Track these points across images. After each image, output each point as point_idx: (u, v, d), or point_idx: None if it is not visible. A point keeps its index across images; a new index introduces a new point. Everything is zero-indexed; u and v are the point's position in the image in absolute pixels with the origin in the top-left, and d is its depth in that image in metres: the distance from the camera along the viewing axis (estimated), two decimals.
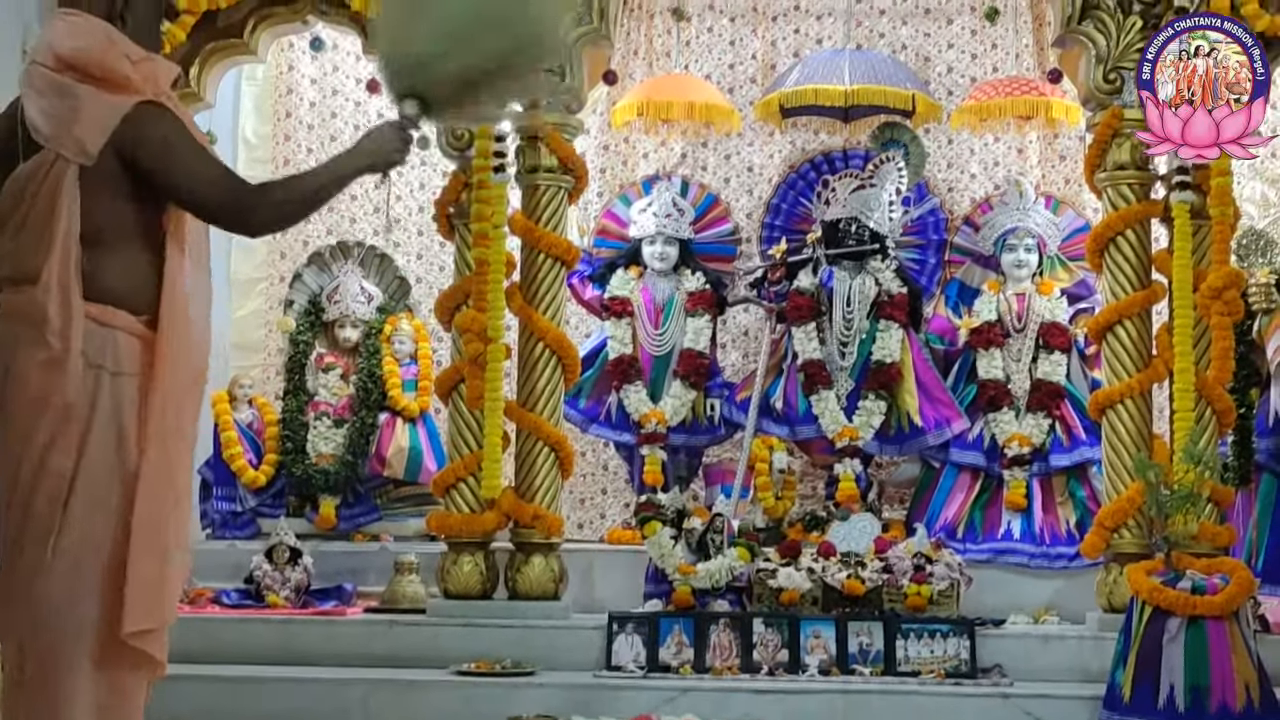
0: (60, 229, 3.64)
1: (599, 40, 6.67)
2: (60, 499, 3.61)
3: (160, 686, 4.29)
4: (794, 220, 8.01)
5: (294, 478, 7.72)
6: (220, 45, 6.82)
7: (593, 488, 8.40)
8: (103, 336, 3.73)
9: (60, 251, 3.63)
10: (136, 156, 3.72)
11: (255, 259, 8.58)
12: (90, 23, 3.80)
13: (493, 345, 6.41)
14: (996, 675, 6.05)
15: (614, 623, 6.23)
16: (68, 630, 3.61)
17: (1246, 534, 6.67)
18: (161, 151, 3.74)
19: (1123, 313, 6.39)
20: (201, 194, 3.76)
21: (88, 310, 3.69)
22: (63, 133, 3.67)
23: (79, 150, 3.67)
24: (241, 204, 3.80)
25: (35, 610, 3.59)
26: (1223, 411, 6.25)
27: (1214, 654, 5.43)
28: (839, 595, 6.42)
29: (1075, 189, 8.12)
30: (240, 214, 3.82)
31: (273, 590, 6.82)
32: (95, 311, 3.71)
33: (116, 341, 3.74)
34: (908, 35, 8.55)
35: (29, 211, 3.66)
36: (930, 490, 7.45)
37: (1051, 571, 7.03)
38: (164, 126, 3.78)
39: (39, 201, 3.66)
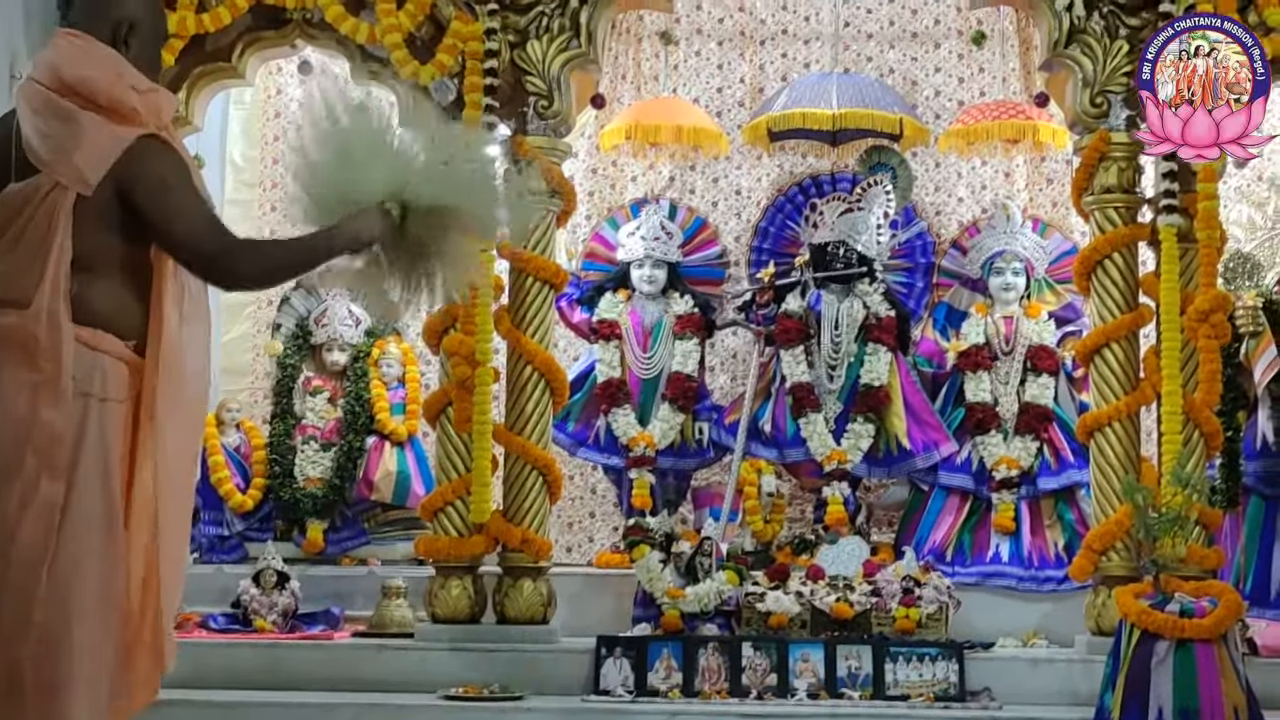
0: (54, 255, 3.62)
1: (587, 64, 6.69)
2: (53, 526, 3.60)
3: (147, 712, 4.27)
4: (782, 243, 8.01)
5: (281, 502, 7.70)
6: (208, 69, 6.82)
7: (581, 511, 8.39)
8: (91, 361, 3.71)
9: (52, 277, 3.62)
10: (133, 190, 3.70)
11: None
12: (97, 48, 3.77)
13: (481, 368, 6.41)
14: (985, 699, 6.05)
15: (602, 647, 6.22)
16: (60, 657, 3.59)
17: (1234, 557, 6.67)
18: (158, 190, 3.71)
19: (1110, 335, 6.40)
20: (189, 240, 3.73)
21: (77, 334, 3.68)
22: (61, 159, 3.65)
23: (78, 179, 3.64)
24: (227, 258, 3.77)
25: (28, 636, 3.57)
26: (1210, 434, 6.26)
27: (1202, 677, 5.42)
28: (827, 619, 6.41)
29: (1062, 212, 8.14)
30: (224, 268, 3.81)
31: (260, 614, 6.80)
32: (84, 335, 3.69)
33: (104, 367, 3.73)
34: (895, 59, 8.58)
35: (21, 235, 3.64)
36: (919, 513, 7.45)
37: (1040, 594, 7.03)
38: (164, 165, 3.75)
39: (33, 225, 3.63)
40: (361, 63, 6.73)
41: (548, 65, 6.58)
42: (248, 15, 6.69)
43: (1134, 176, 6.50)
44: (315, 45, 6.90)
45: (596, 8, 6.61)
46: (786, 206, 8.11)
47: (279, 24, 6.75)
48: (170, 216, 3.72)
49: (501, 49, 6.53)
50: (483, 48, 6.48)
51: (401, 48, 6.52)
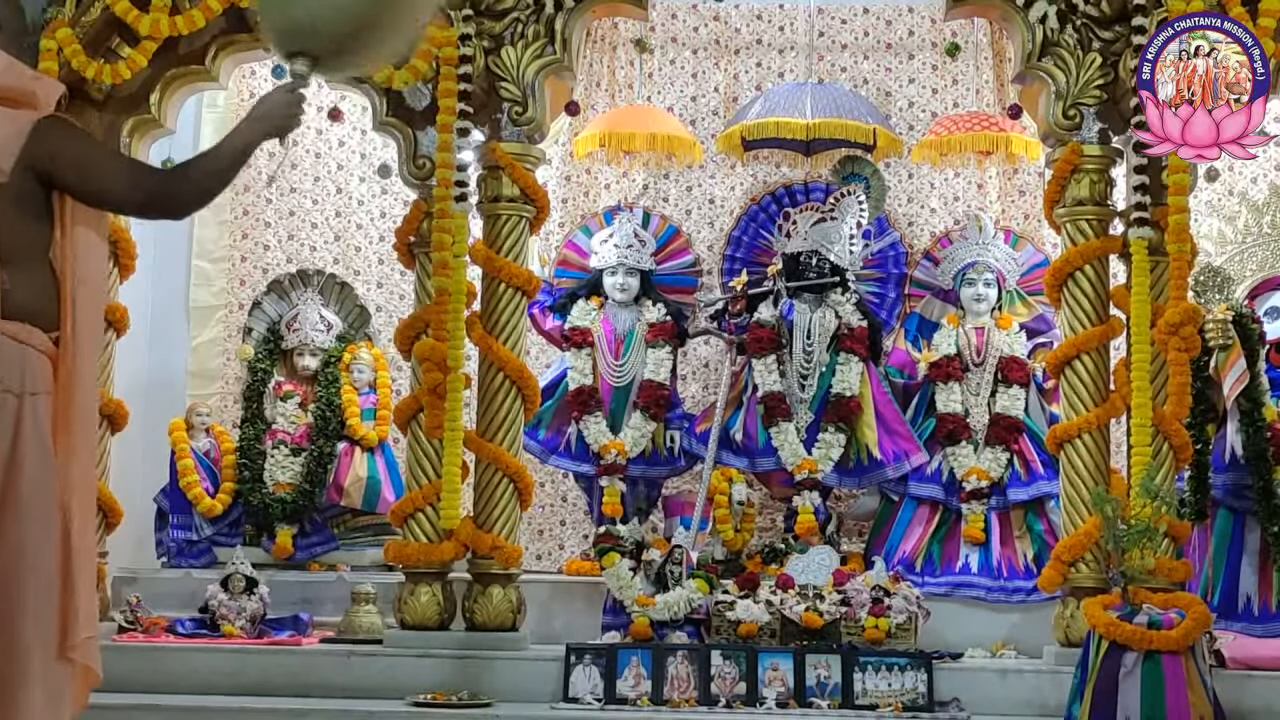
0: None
1: (561, 71, 6.69)
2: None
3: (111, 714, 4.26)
4: (755, 252, 8.02)
5: (251, 506, 7.68)
6: (182, 72, 6.80)
7: (551, 519, 8.39)
8: (20, 355, 3.72)
9: None
10: (53, 170, 3.75)
11: (214, 287, 8.55)
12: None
13: (452, 375, 6.40)
14: (954, 709, 6.05)
15: (571, 654, 6.21)
16: (15, 649, 3.60)
17: (1203, 569, 6.70)
18: (78, 158, 3.79)
19: (1081, 347, 6.42)
20: (126, 195, 3.85)
21: (5, 328, 3.69)
22: None
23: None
24: (165, 194, 3.90)
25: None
26: (1180, 447, 6.28)
27: (1170, 689, 5.44)
28: (797, 628, 6.42)
29: (1034, 224, 8.17)
30: (166, 202, 3.92)
31: (228, 620, 6.77)
32: (11, 329, 3.70)
33: (31, 361, 3.74)
34: (869, 70, 8.61)
35: None
36: (889, 523, 7.46)
37: (1009, 605, 7.05)
38: (74, 135, 3.87)
39: None
40: None
41: (522, 72, 6.58)
42: (221, 18, 6.66)
43: (1106, 189, 6.52)
44: None
45: (572, 15, 6.62)
46: (760, 215, 8.12)
47: (252, 27, 6.72)
48: (99, 177, 3.81)
49: (476, 55, 6.53)
50: (457, 53, 6.47)
51: None
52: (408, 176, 6.68)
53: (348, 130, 8.56)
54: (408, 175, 6.68)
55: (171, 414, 7.84)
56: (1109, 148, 6.50)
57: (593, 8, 6.71)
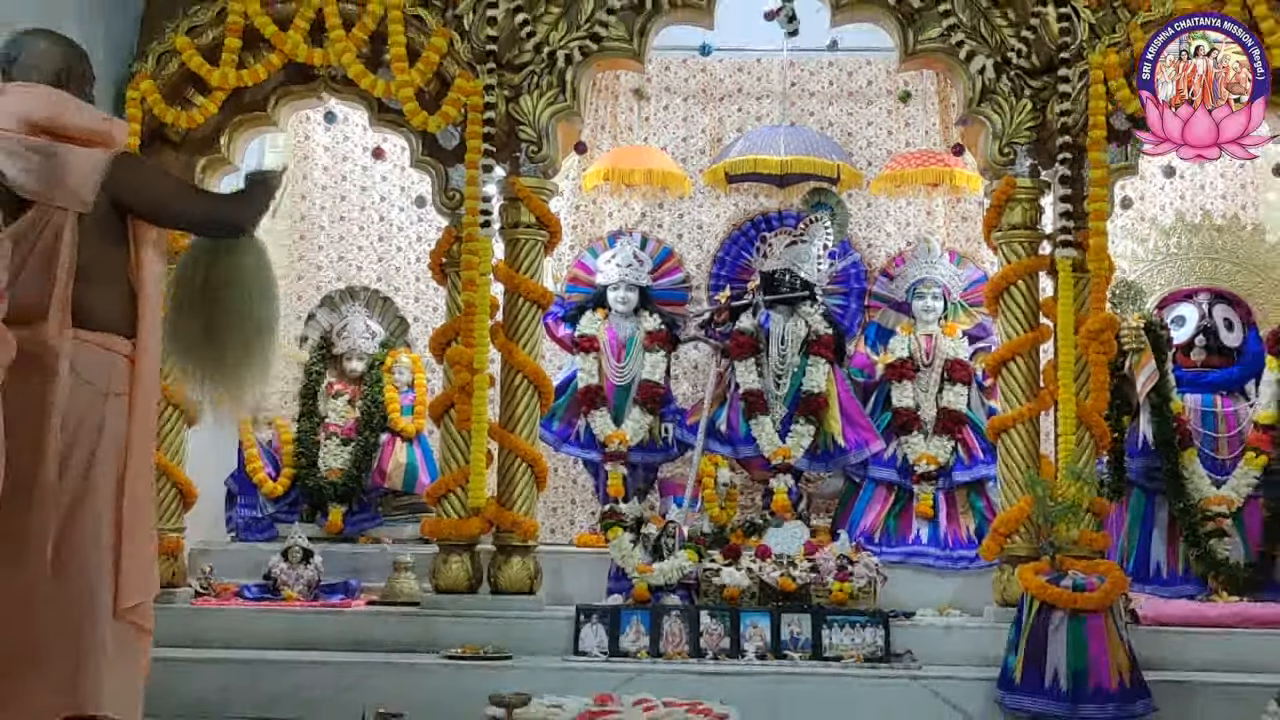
0: (61, 270, 3.65)
1: (571, 116, 6.68)
2: (69, 510, 3.64)
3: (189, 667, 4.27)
4: (737, 270, 8.02)
5: (307, 489, 7.68)
6: (247, 117, 6.80)
7: (563, 498, 8.39)
8: (109, 362, 3.74)
9: (59, 291, 3.64)
10: (132, 201, 3.77)
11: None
12: (50, 91, 3.84)
13: (479, 375, 6.39)
14: (908, 660, 6.06)
15: (581, 614, 6.21)
16: (93, 609, 3.65)
17: (1120, 540, 6.71)
18: (151, 187, 3.85)
19: (1015, 351, 6.42)
20: (191, 213, 3.92)
21: (95, 339, 3.70)
22: (53, 187, 3.67)
23: (76, 200, 3.68)
24: (225, 210, 4.01)
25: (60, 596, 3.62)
26: (1100, 435, 6.28)
27: (1092, 642, 5.44)
28: (774, 591, 6.42)
29: (975, 246, 8.17)
30: (227, 217, 4.01)
31: (288, 586, 6.77)
32: (102, 340, 3.72)
33: (117, 366, 3.75)
34: (834, 114, 8.61)
35: (27, 259, 3.64)
36: (851, 502, 7.46)
37: (954, 571, 7.05)
38: (146, 172, 3.92)
39: (38, 249, 3.65)
40: (378, 113, 6.72)
41: (538, 116, 6.58)
42: (281, 72, 6.66)
43: (1036, 216, 6.51)
44: (339, 98, 6.87)
45: (579, 68, 6.61)
46: (741, 239, 8.13)
47: (308, 79, 6.73)
48: (171, 202, 3.87)
49: (498, 102, 6.53)
50: (482, 101, 6.47)
51: (412, 100, 6.51)
52: (440, 206, 6.68)
53: (389, 167, 8.56)
54: (440, 205, 6.68)
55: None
56: (1038, 180, 6.49)
57: (597, 62, 6.70)
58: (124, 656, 3.73)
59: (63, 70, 3.89)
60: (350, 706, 5.44)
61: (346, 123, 8.44)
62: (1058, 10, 6.35)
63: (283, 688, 5.78)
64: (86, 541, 3.65)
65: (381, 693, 5.53)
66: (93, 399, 3.68)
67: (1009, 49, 6.44)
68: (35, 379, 3.60)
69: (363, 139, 8.52)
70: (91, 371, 3.67)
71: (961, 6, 6.49)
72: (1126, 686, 5.44)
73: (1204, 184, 8.32)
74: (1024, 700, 5.48)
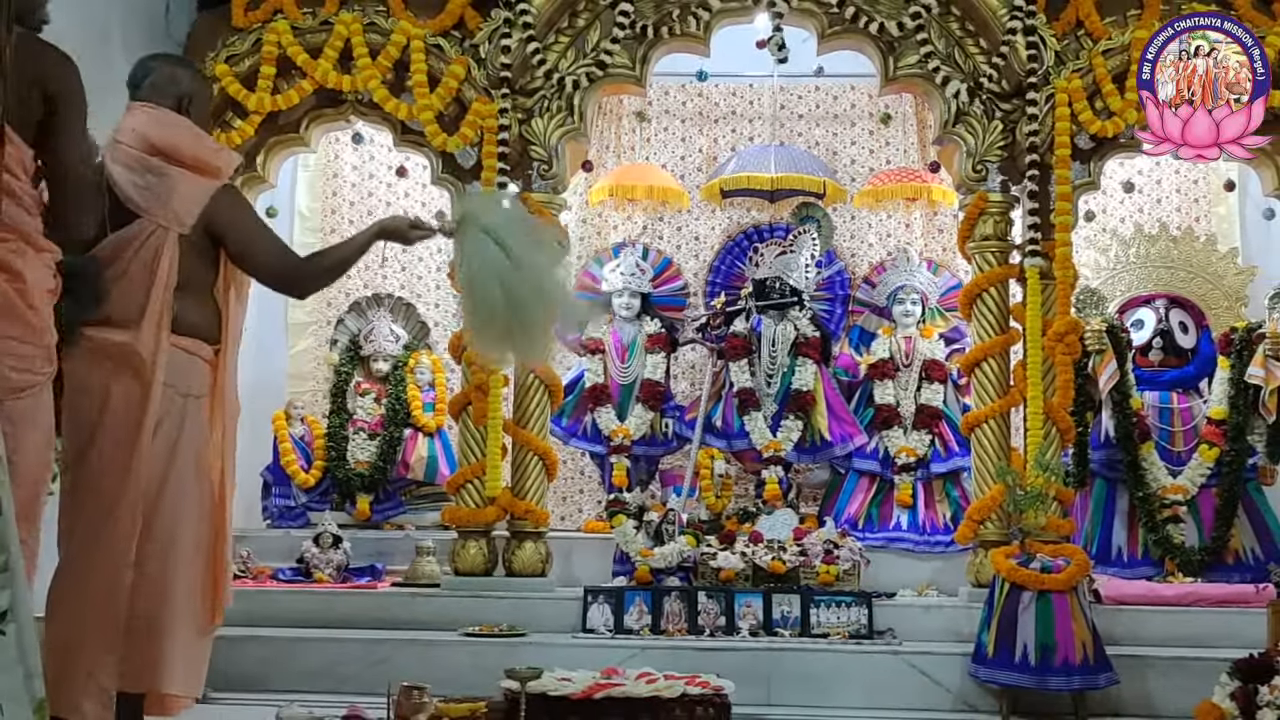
0: (159, 283, 3.64)
1: (579, 137, 6.68)
2: (148, 503, 3.62)
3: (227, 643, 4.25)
4: (731, 278, 8.02)
5: (337, 479, 7.68)
6: (280, 139, 6.80)
7: (572, 488, 8.38)
8: (191, 365, 3.72)
9: (156, 302, 3.63)
10: (223, 232, 3.74)
11: (307, 306, 8.50)
12: (172, 116, 3.80)
13: (494, 375, 6.40)
14: (889, 636, 6.05)
15: (588, 595, 6.20)
16: (165, 611, 3.64)
17: (1084, 526, 6.70)
18: (243, 229, 3.80)
19: (987, 352, 6.41)
20: (268, 266, 3.84)
21: (179, 343, 3.69)
22: (158, 206, 3.65)
23: (177, 221, 3.66)
24: (295, 275, 3.89)
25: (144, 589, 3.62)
26: (1065, 430, 6.28)
27: (1058, 620, 5.43)
28: (766, 573, 6.41)
29: (950, 255, 8.16)
30: (294, 282, 3.94)
31: (319, 569, 6.77)
32: (186, 344, 3.71)
33: (197, 368, 3.74)
34: (820, 135, 8.61)
35: (127, 268, 3.63)
36: (837, 491, 7.46)
37: (932, 555, 7.05)
38: (241, 209, 3.85)
39: (138, 259, 3.64)
40: (401, 134, 6.72)
41: (548, 137, 6.58)
42: (312, 96, 6.67)
43: (1006, 228, 6.50)
44: (365, 120, 6.88)
45: (586, 93, 6.61)
46: (734, 249, 8.12)
47: (337, 103, 6.73)
48: (254, 250, 3.82)
49: (512, 124, 6.53)
50: (497, 123, 6.47)
51: (433, 123, 6.51)
52: None
53: (411, 184, 8.55)
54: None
55: (274, 407, 7.84)
56: (1009, 195, 6.48)
57: (603, 87, 6.70)
58: (195, 642, 3.75)
59: (185, 96, 3.87)
60: (380, 680, 5.42)
61: (373, 144, 8.44)
62: (1026, 39, 6.35)
63: (318, 663, 5.78)
64: (165, 534, 3.65)
65: (405, 667, 5.52)
66: (171, 399, 3.67)
67: (981, 75, 6.43)
68: (130, 382, 3.59)
69: (388, 159, 8.51)
70: (171, 373, 3.66)
71: (937, 35, 6.49)
72: (1090, 660, 5.43)
73: (1160, 199, 8.32)
74: (996, 673, 5.47)
